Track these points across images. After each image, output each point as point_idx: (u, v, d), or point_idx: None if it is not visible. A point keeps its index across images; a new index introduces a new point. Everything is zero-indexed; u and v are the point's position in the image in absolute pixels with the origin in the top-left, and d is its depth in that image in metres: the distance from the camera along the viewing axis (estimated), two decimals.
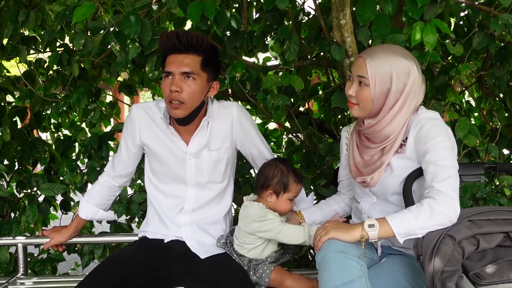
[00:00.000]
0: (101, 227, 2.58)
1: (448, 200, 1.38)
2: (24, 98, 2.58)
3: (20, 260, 2.01)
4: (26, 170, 2.67)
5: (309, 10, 2.43)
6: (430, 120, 1.52)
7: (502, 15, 1.81)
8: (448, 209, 1.37)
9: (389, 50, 1.57)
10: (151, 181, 1.87)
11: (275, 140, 2.72)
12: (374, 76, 1.51)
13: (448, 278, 1.19)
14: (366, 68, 1.52)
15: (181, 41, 1.64)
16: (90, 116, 2.38)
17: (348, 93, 1.58)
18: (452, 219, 1.37)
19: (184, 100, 1.65)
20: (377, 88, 1.52)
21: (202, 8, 1.79)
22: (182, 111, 1.68)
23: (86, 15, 1.82)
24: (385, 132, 1.56)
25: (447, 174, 1.42)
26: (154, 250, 1.79)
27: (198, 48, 1.66)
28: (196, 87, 1.67)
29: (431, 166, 1.45)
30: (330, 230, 1.47)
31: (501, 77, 2.27)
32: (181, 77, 1.66)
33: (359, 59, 1.57)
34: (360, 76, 1.54)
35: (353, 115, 1.62)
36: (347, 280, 1.38)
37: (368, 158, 1.62)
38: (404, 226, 1.39)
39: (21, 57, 2.39)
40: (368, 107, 1.55)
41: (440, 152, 1.45)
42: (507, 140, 2.40)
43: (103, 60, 2.24)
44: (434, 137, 1.47)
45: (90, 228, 2.64)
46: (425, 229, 1.38)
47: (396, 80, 1.51)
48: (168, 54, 1.69)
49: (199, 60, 1.67)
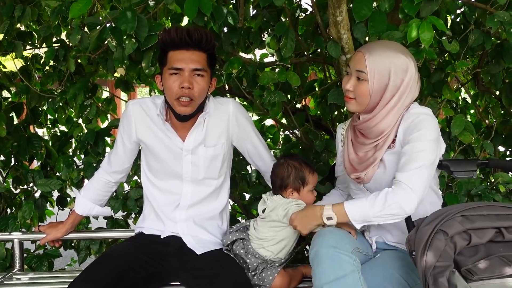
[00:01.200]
0: (98, 223, 2.58)
1: (405, 192, 1.40)
2: (21, 94, 2.57)
3: (16, 255, 2.01)
4: (23, 165, 2.66)
5: (306, 7, 2.42)
6: (420, 115, 1.53)
7: (498, 13, 1.82)
8: (403, 201, 1.39)
9: (388, 46, 1.57)
10: (148, 177, 1.88)
11: (271, 137, 2.72)
12: (372, 71, 1.52)
13: (440, 274, 1.20)
14: (365, 63, 1.52)
15: (191, 38, 1.63)
16: (86, 112, 2.38)
17: (346, 88, 1.58)
18: (407, 210, 1.40)
19: (195, 97, 1.66)
20: (375, 83, 1.53)
21: (199, 4, 1.78)
22: (191, 108, 1.68)
23: (82, 11, 1.81)
24: (379, 127, 1.57)
25: (415, 165, 1.43)
26: (151, 246, 1.79)
27: (206, 45, 1.66)
28: (204, 84, 1.68)
29: (405, 156, 1.47)
30: (294, 221, 1.58)
31: (496, 75, 2.28)
32: (191, 74, 1.65)
33: (358, 53, 1.57)
34: (358, 71, 1.55)
35: (350, 110, 1.63)
36: (340, 275, 1.40)
37: (362, 155, 1.62)
38: (359, 213, 1.45)
39: (17, 52, 2.38)
40: (365, 102, 1.56)
41: (420, 144, 1.46)
42: (502, 137, 2.41)
43: (100, 56, 2.24)
44: (420, 129, 1.48)
45: (86, 223, 2.64)
46: (380, 218, 1.43)
47: (394, 76, 1.52)
48: (172, 49, 1.66)
49: (205, 57, 1.67)
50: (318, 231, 1.57)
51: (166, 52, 1.67)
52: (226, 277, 1.64)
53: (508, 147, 2.53)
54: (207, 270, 1.68)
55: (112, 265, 1.65)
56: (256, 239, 1.73)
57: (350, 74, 1.59)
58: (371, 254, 1.66)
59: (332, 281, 1.39)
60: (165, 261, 1.76)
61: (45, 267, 2.25)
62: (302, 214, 1.59)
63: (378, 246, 1.66)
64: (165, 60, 1.68)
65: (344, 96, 1.63)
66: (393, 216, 1.42)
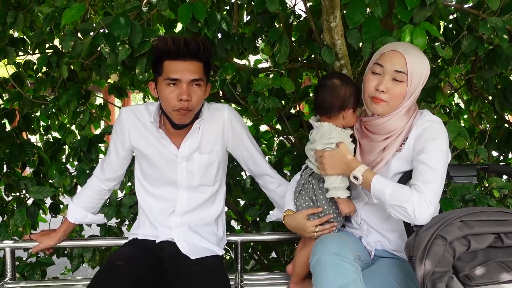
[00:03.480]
0: (91, 230, 2.56)
1: (426, 204, 1.39)
2: (13, 100, 2.55)
3: (8, 264, 1.97)
4: (15, 173, 2.64)
5: (300, 13, 2.43)
6: (436, 123, 1.52)
7: (490, 18, 1.83)
8: (422, 211, 1.39)
9: (417, 48, 1.59)
10: (142, 184, 1.86)
11: (266, 142, 2.71)
12: (411, 73, 1.50)
13: (439, 279, 1.20)
14: (406, 63, 1.50)
15: (189, 48, 1.60)
16: (79, 119, 2.36)
17: (380, 89, 1.51)
18: (420, 221, 1.39)
19: (193, 107, 1.65)
20: (412, 85, 1.51)
21: (193, 10, 1.78)
22: (189, 117, 1.68)
23: (75, 17, 1.81)
24: (389, 124, 1.56)
25: (433, 178, 1.43)
26: (147, 251, 1.77)
27: (203, 55, 1.64)
28: (201, 94, 1.67)
29: (422, 165, 1.46)
30: (325, 166, 1.56)
31: (489, 80, 2.29)
32: (189, 85, 1.63)
33: (395, 53, 1.52)
34: (398, 71, 1.50)
35: (377, 113, 1.56)
36: (343, 283, 1.39)
37: (369, 154, 1.61)
38: (380, 192, 1.46)
39: (10, 58, 2.36)
40: (397, 104, 1.53)
41: (435, 155, 1.46)
42: (495, 142, 2.42)
43: (93, 62, 2.22)
44: (435, 138, 1.48)
45: (79, 231, 2.62)
46: (392, 210, 1.44)
47: (423, 79, 1.53)
48: (168, 59, 1.62)
49: (202, 66, 1.66)
50: (319, 238, 1.55)
51: (162, 61, 1.64)
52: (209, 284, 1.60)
53: (502, 152, 2.54)
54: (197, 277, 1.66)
55: (126, 270, 1.63)
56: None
57: (382, 74, 1.53)
58: (369, 261, 1.65)
59: None
60: (160, 267, 1.74)
61: (37, 275, 2.22)
62: (336, 155, 1.56)
63: (376, 253, 1.66)
64: (160, 69, 1.64)
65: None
66: (404, 217, 1.42)
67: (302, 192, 1.72)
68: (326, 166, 1.57)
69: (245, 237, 2.07)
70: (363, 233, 1.68)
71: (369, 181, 1.49)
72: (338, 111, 1.64)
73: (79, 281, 1.97)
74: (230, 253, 2.66)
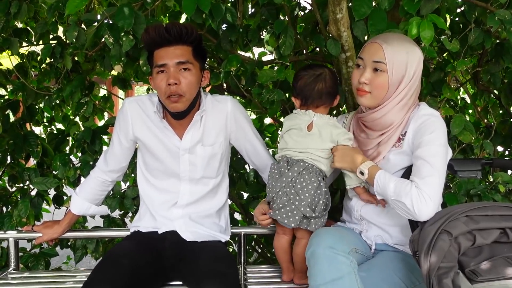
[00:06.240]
0: (94, 222, 2.56)
1: (426, 202, 1.38)
2: (17, 91, 2.55)
3: (11, 254, 1.98)
4: (19, 164, 2.64)
5: (305, 5, 2.41)
6: (432, 116, 1.52)
7: (498, 11, 1.81)
8: (419, 204, 1.38)
9: (401, 37, 1.57)
10: (144, 175, 1.86)
11: (270, 135, 2.71)
12: (391, 62, 1.50)
13: (445, 275, 1.19)
14: (383, 53, 1.50)
15: (170, 33, 1.61)
16: (83, 110, 2.36)
17: (361, 81, 1.54)
18: (422, 217, 1.37)
19: (184, 92, 1.63)
20: (394, 74, 1.51)
21: (197, 1, 1.76)
22: (182, 104, 1.66)
23: (79, 7, 1.79)
24: (386, 119, 1.55)
25: (431, 173, 1.41)
26: (149, 243, 1.77)
27: (188, 38, 1.64)
28: (192, 78, 1.65)
29: (419, 160, 1.45)
30: (335, 159, 1.59)
31: (496, 74, 2.27)
32: (177, 69, 1.63)
33: (373, 44, 1.54)
34: (376, 62, 1.51)
35: (363, 105, 1.59)
36: (336, 277, 1.38)
37: (366, 150, 1.61)
38: (383, 187, 1.46)
39: (13, 49, 2.36)
40: (382, 95, 1.53)
41: (432, 149, 1.45)
42: (501, 137, 2.40)
43: (97, 53, 2.22)
44: (433, 131, 1.47)
45: (83, 222, 2.63)
46: (394, 205, 1.43)
47: (409, 68, 1.51)
48: (156, 48, 1.65)
49: (190, 50, 1.65)
50: (315, 231, 1.55)
51: (152, 52, 1.67)
52: (218, 273, 1.59)
53: (507, 147, 2.52)
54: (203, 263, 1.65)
55: (124, 265, 1.61)
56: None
57: (363, 66, 1.55)
58: (369, 255, 1.64)
59: (328, 282, 1.38)
60: (163, 257, 1.74)
61: (41, 266, 2.23)
62: (347, 150, 1.58)
63: (377, 247, 1.65)
64: (152, 60, 1.67)
65: (346, 93, 1.61)
66: (405, 212, 1.41)
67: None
68: (335, 158, 1.59)
69: (248, 229, 2.07)
70: (363, 227, 1.67)
71: (373, 175, 1.49)
72: (333, 98, 1.70)
73: (82, 272, 1.98)
74: (233, 245, 2.66)
